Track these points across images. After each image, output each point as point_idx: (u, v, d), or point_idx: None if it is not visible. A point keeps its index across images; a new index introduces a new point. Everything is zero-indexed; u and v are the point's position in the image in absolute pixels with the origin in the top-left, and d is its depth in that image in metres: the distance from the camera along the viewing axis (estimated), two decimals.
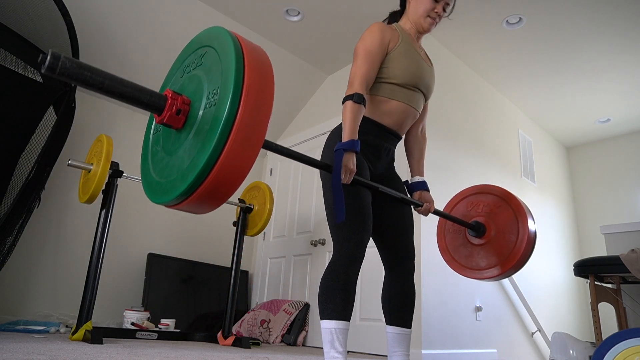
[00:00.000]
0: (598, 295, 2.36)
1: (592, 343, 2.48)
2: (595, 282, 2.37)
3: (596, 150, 5.00)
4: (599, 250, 4.32)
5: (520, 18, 3.11)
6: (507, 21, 3.15)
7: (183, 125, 0.89)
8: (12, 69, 2.74)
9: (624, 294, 2.51)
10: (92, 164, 2.47)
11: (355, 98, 1.44)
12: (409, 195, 1.73)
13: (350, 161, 1.36)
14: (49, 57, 0.71)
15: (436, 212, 1.71)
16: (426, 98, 1.70)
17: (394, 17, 1.77)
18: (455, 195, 1.93)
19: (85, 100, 3.39)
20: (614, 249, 2.60)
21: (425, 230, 2.85)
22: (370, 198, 1.51)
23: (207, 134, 0.80)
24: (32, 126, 2.74)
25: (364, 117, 1.57)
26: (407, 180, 1.75)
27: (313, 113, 4.08)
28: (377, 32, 1.56)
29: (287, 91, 4.03)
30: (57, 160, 2.80)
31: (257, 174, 4.39)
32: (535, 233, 1.71)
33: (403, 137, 1.76)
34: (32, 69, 2.88)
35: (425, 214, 1.68)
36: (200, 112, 0.86)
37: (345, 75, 3.86)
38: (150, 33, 3.22)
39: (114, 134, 3.45)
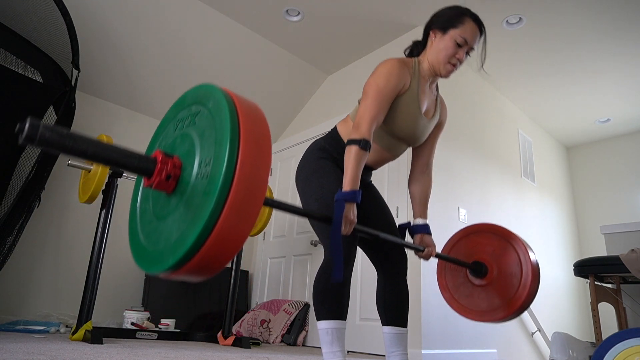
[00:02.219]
0: (598, 295, 2.36)
1: (592, 343, 2.48)
2: (595, 282, 2.37)
3: (596, 150, 5.00)
4: (599, 250, 4.32)
5: (520, 18, 3.11)
6: (507, 21, 3.15)
7: (173, 190, 0.83)
8: (12, 69, 2.74)
9: (624, 294, 2.51)
10: (92, 164, 2.47)
11: (361, 144, 1.36)
12: (407, 236, 1.67)
13: (351, 212, 1.30)
14: (26, 127, 0.63)
15: (437, 255, 1.63)
16: (410, 145, 1.64)
17: (417, 47, 1.64)
18: (456, 233, 1.87)
19: (85, 100, 3.39)
20: (614, 249, 2.60)
21: None
22: None
23: (198, 208, 0.75)
24: None
25: (343, 143, 1.55)
26: (409, 222, 1.68)
27: (313, 113, 4.08)
28: (395, 76, 1.45)
29: (287, 91, 4.03)
30: (57, 160, 2.80)
31: None
32: (538, 281, 1.64)
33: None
34: (32, 69, 2.88)
35: (427, 259, 1.60)
36: (192, 180, 0.80)
37: (345, 75, 3.86)
38: (150, 33, 3.22)
39: (114, 134, 3.45)
